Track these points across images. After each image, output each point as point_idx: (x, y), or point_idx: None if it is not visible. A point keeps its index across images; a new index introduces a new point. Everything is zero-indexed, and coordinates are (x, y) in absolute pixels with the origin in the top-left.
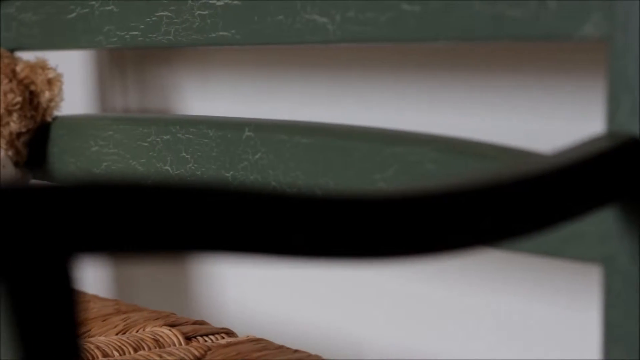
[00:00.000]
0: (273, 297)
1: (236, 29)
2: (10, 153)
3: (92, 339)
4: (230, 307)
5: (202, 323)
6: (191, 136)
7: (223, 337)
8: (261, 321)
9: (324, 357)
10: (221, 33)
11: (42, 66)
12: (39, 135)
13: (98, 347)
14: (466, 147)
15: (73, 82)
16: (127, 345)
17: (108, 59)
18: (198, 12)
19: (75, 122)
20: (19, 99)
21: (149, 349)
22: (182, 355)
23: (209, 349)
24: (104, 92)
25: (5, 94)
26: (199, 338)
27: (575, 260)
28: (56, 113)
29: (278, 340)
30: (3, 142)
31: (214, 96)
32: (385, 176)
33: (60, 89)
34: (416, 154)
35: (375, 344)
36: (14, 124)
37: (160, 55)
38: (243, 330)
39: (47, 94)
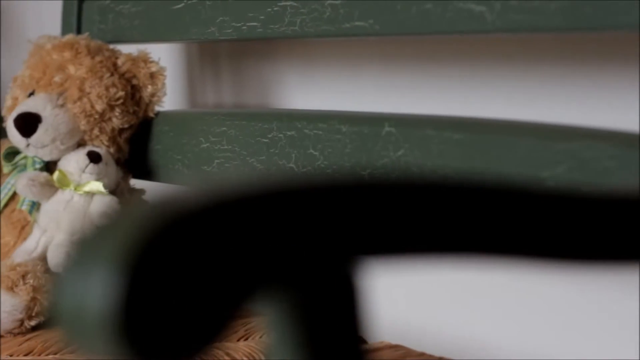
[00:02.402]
0: (390, 300)
1: (374, 19)
2: (112, 150)
3: (222, 344)
4: None
5: None
6: (320, 132)
7: None
8: (381, 326)
9: None
10: (357, 23)
11: (144, 59)
12: (140, 131)
13: (228, 354)
14: None
15: None
16: (256, 352)
17: (198, 52)
18: (329, 1)
19: (182, 118)
20: (121, 93)
21: None
22: None
23: None
24: (194, 87)
25: (107, 88)
26: None
27: None
28: (158, 108)
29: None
30: (105, 138)
31: (317, 91)
32: (555, 174)
33: (163, 84)
34: (593, 149)
35: (508, 346)
36: (117, 120)
37: (258, 48)
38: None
39: (149, 89)
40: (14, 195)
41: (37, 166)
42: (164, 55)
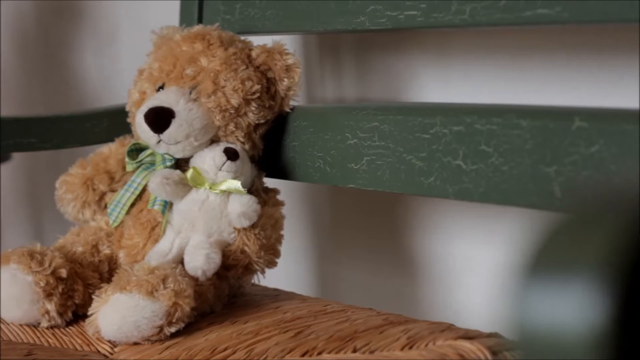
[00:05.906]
0: None
1: (562, 6)
2: (247, 147)
3: (386, 354)
4: (474, 312)
5: (496, 336)
6: (494, 127)
7: None
8: None
9: None
10: (540, 11)
11: (280, 51)
12: (275, 127)
13: None
14: None
15: None
16: None
17: (317, 43)
18: None
19: (323, 113)
20: (257, 87)
21: None
22: None
23: None
24: (311, 81)
25: (242, 82)
26: (505, 353)
27: None
28: (293, 103)
29: None
30: (240, 134)
31: (454, 85)
32: None
33: (300, 77)
34: None
35: None
36: (252, 115)
37: (385, 39)
38: None
39: (285, 82)
40: (141, 194)
41: (168, 164)
42: None
